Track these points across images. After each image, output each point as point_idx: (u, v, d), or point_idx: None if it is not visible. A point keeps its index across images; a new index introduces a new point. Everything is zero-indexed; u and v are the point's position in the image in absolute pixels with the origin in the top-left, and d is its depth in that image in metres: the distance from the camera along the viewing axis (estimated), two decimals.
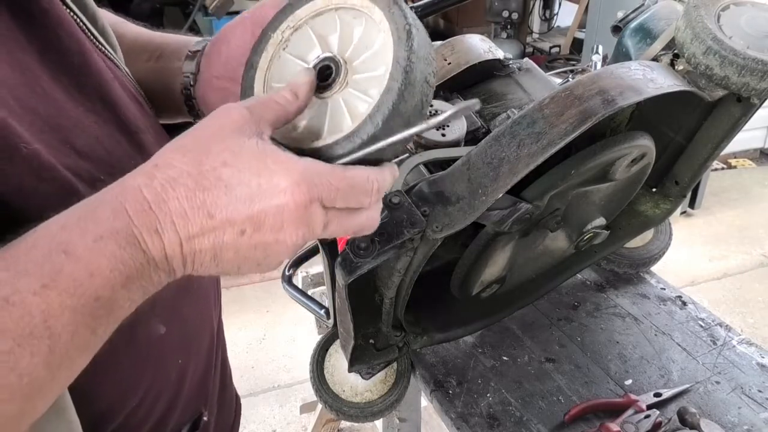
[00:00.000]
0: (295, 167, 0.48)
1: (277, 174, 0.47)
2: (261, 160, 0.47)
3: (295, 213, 0.47)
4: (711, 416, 0.97)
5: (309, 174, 0.48)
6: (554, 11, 5.01)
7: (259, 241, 0.48)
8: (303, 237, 0.49)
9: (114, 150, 0.59)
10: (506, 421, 0.97)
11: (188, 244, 0.47)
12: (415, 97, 0.52)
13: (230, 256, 0.48)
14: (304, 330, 2.58)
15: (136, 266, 0.45)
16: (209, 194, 0.46)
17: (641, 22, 1.01)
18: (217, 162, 0.47)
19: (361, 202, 0.52)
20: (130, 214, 0.45)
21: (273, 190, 0.47)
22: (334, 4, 0.57)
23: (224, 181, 0.46)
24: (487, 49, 0.97)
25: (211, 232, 0.47)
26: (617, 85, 0.74)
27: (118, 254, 0.44)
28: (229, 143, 0.48)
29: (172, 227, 0.46)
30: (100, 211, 0.45)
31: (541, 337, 1.13)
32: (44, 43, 0.56)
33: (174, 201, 0.46)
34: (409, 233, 0.73)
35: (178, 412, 0.70)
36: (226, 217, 0.46)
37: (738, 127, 0.94)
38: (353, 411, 1.01)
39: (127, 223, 0.45)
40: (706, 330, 1.14)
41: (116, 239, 0.45)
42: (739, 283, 3.00)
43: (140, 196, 0.46)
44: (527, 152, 0.72)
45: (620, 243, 1.17)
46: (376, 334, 0.97)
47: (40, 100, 0.54)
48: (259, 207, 0.47)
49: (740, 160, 3.97)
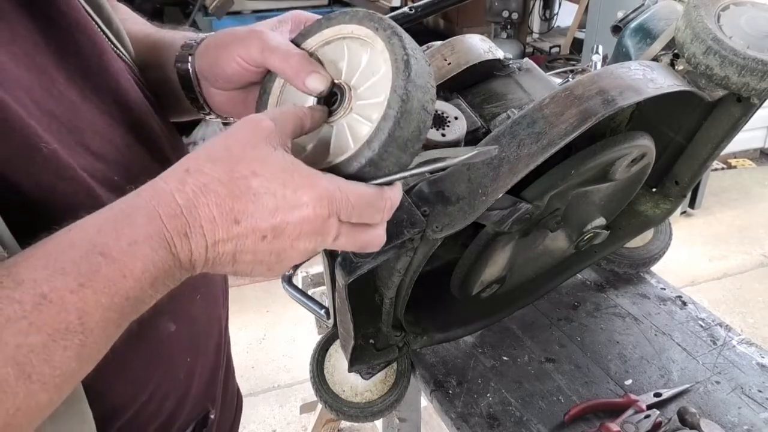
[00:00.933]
0: (318, 182, 0.51)
1: (302, 188, 0.50)
2: (288, 172, 0.50)
3: (313, 224, 0.50)
4: (711, 416, 0.97)
5: (331, 190, 0.51)
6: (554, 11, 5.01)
7: (276, 247, 0.51)
8: (315, 246, 0.52)
9: (127, 152, 0.60)
10: (506, 421, 0.97)
11: (213, 248, 0.49)
12: (412, 123, 0.54)
13: (247, 259, 0.51)
14: (304, 330, 2.57)
15: (165, 268, 0.48)
16: (238, 202, 0.49)
17: (641, 22, 1.01)
18: (248, 171, 0.49)
19: (374, 219, 0.55)
20: (164, 219, 0.47)
21: (297, 203, 0.49)
22: (343, 34, 0.60)
23: (253, 189, 0.49)
24: (487, 49, 0.97)
25: (235, 237, 0.49)
26: (617, 85, 0.74)
27: (150, 257, 0.47)
28: (258, 153, 0.50)
29: (200, 231, 0.48)
30: (135, 215, 0.47)
31: (541, 337, 1.13)
32: (61, 45, 0.57)
33: (204, 207, 0.48)
34: (409, 233, 0.73)
35: (187, 410, 0.70)
36: (251, 224, 0.49)
37: (738, 127, 0.94)
38: (353, 411, 1.01)
39: (160, 228, 0.47)
40: (706, 330, 1.14)
41: (150, 243, 0.47)
42: (739, 283, 3.00)
43: (173, 201, 0.48)
44: (527, 152, 0.72)
45: (620, 243, 1.17)
46: (376, 334, 0.97)
47: (57, 102, 0.55)
48: (282, 217, 0.49)
49: (740, 160, 3.97)
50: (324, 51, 0.61)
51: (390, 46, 0.55)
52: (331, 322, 1.07)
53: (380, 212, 0.55)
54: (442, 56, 0.95)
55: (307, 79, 0.58)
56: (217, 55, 0.65)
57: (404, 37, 0.56)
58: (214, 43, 0.66)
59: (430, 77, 0.56)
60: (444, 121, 0.88)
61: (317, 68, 0.59)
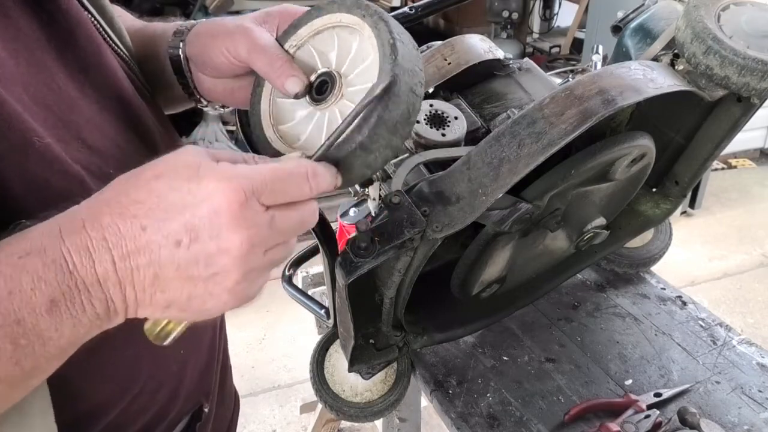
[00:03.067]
0: (225, 168, 0.46)
1: (207, 177, 0.45)
2: (193, 168, 0.46)
3: (230, 214, 0.44)
4: (711, 416, 0.97)
5: (238, 172, 0.46)
6: (554, 11, 5.01)
7: (199, 252, 0.45)
8: (250, 241, 0.46)
9: (124, 146, 0.60)
10: (506, 421, 0.97)
11: (122, 262, 0.44)
12: (401, 106, 0.54)
13: (172, 275, 0.45)
14: (304, 330, 2.57)
15: (62, 289, 0.42)
16: (141, 206, 0.44)
17: (641, 22, 1.01)
18: (151, 176, 0.46)
19: (302, 191, 0.50)
20: (62, 233, 0.43)
21: (203, 193, 0.44)
22: (332, 23, 0.60)
23: (156, 191, 0.45)
24: (487, 49, 0.97)
25: (146, 247, 0.44)
26: (617, 85, 0.74)
27: (41, 272, 0.42)
28: (167, 158, 0.47)
29: (104, 245, 0.43)
30: (33, 231, 0.44)
31: (541, 337, 1.13)
32: (62, 42, 0.57)
33: (107, 217, 0.44)
34: (409, 233, 0.73)
35: (180, 403, 0.70)
36: (158, 228, 0.44)
37: (738, 127, 0.94)
38: (353, 411, 1.01)
39: (56, 242, 0.43)
40: (706, 330, 1.14)
41: (41, 256, 0.42)
42: (739, 283, 3.00)
43: (75, 216, 0.44)
44: (527, 152, 0.72)
45: (620, 243, 1.17)
46: (376, 334, 0.97)
47: (55, 97, 0.55)
48: (191, 212, 0.44)
49: (740, 160, 3.97)
50: (314, 41, 0.62)
51: (376, 32, 0.56)
52: (331, 322, 1.07)
53: (305, 182, 0.50)
54: (442, 56, 0.95)
55: (286, 83, 0.59)
56: (205, 44, 0.66)
57: (390, 22, 0.56)
58: (204, 31, 0.67)
59: (418, 60, 0.57)
60: (444, 121, 0.88)
61: (297, 72, 0.59)
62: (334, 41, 0.61)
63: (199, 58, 0.67)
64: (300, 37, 0.62)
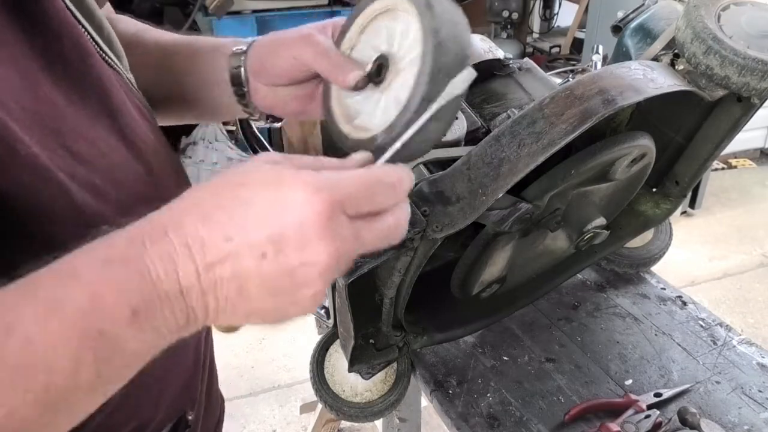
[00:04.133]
0: (310, 178, 0.44)
1: (294, 186, 0.43)
2: (278, 175, 0.45)
3: (318, 226, 0.43)
4: (711, 416, 0.96)
5: (325, 181, 0.45)
6: (554, 11, 5.01)
7: (283, 265, 0.43)
8: (336, 254, 0.44)
9: (111, 155, 0.60)
10: (506, 421, 0.97)
11: (207, 273, 0.43)
12: (451, 52, 0.55)
13: (256, 288, 0.44)
14: (304, 330, 2.58)
15: (145, 300, 0.42)
16: (225, 213, 0.43)
17: (641, 22, 1.01)
18: (235, 182, 0.45)
19: (388, 199, 0.48)
20: (146, 242, 0.42)
21: (291, 204, 0.43)
22: (372, 15, 0.63)
23: (241, 199, 0.44)
24: (487, 49, 0.97)
25: (230, 257, 0.43)
26: (617, 85, 0.74)
27: (125, 283, 0.41)
28: (247, 166, 0.46)
29: (186, 252, 0.42)
30: (116, 238, 0.43)
31: (541, 337, 1.13)
32: (48, 50, 0.57)
33: (190, 225, 0.43)
34: (409, 233, 0.73)
35: (162, 411, 0.70)
36: (244, 238, 0.43)
37: (738, 127, 0.94)
38: (353, 411, 1.01)
39: (140, 251, 0.42)
40: (707, 330, 1.14)
41: (126, 265, 0.41)
42: (739, 283, 3.00)
43: (158, 223, 0.43)
44: (527, 152, 0.72)
45: (620, 243, 1.17)
46: (376, 334, 0.97)
47: (41, 105, 0.54)
48: (279, 223, 0.43)
49: (740, 160, 3.97)
50: (364, 37, 0.65)
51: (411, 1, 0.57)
52: (331, 322, 1.07)
53: (392, 189, 0.48)
54: None
55: (347, 78, 0.61)
56: (269, 53, 0.69)
57: None
58: (268, 42, 0.71)
59: (457, 11, 0.58)
60: None
61: (354, 66, 0.62)
62: (380, 30, 0.63)
63: (261, 67, 0.70)
64: (351, 39, 0.65)
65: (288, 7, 3.17)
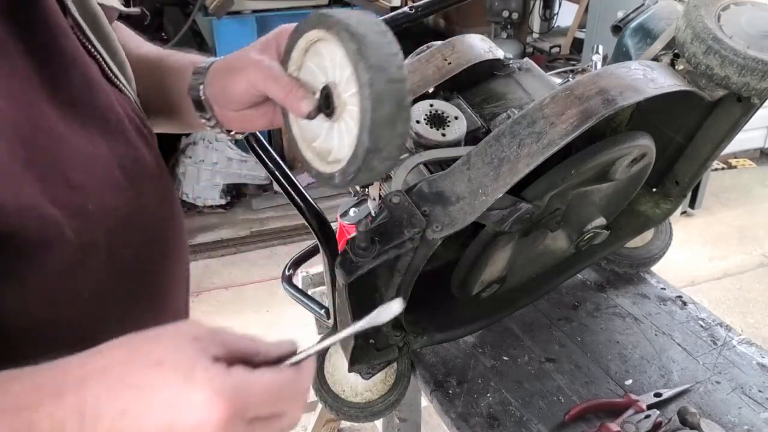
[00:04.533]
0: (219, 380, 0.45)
1: (202, 386, 0.44)
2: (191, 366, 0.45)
3: (213, 429, 0.44)
4: (711, 416, 0.96)
5: (233, 385, 0.45)
6: (554, 11, 5.00)
7: None
8: None
9: (108, 182, 0.61)
10: (506, 421, 0.97)
11: None
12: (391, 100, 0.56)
13: None
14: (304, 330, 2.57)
15: None
16: (132, 392, 0.44)
17: (641, 22, 1.01)
18: (151, 359, 0.45)
19: (287, 406, 0.50)
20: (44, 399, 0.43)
21: (194, 403, 0.44)
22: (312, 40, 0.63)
23: (149, 380, 0.44)
24: (487, 49, 0.97)
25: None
26: (617, 85, 0.74)
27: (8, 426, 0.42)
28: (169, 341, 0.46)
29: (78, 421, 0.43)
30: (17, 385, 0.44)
31: (541, 337, 1.13)
32: (54, 79, 0.58)
33: (91, 392, 0.44)
34: (409, 233, 0.73)
35: None
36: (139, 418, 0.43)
37: (738, 126, 0.94)
38: (353, 411, 1.01)
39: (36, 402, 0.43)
40: (707, 330, 1.14)
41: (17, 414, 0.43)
42: (739, 283, 3.00)
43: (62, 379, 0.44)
44: (528, 152, 0.72)
45: (620, 243, 1.17)
46: (376, 334, 0.97)
47: (43, 135, 0.55)
48: (176, 415, 0.44)
49: (740, 160, 3.97)
50: (308, 58, 0.65)
51: (341, 42, 0.58)
52: (331, 322, 1.07)
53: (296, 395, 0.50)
54: (442, 56, 0.95)
55: (299, 107, 0.64)
56: (226, 82, 0.71)
57: (351, 25, 0.57)
58: (221, 71, 0.73)
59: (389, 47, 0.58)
60: (444, 121, 0.88)
61: (305, 94, 0.64)
62: (321, 55, 0.63)
63: (221, 96, 0.72)
64: (296, 60, 0.66)
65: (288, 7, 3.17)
